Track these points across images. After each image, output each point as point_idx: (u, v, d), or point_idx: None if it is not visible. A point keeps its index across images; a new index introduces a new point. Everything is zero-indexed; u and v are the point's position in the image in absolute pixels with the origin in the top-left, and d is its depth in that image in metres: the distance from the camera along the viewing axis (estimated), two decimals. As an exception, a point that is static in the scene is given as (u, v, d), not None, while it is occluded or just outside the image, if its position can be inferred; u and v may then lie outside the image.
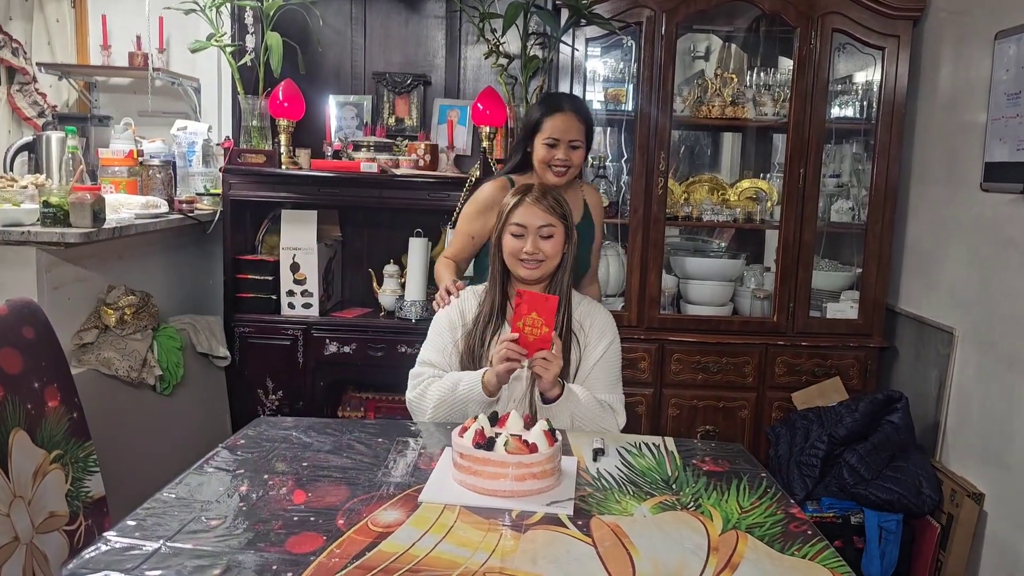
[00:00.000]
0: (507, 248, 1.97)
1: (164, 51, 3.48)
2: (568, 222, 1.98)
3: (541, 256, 1.94)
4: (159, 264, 2.95)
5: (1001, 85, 2.47)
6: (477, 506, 1.43)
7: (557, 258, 1.97)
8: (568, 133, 2.26)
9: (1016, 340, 2.42)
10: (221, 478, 1.53)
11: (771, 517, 1.45)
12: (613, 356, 2.02)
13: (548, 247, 1.95)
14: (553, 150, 2.26)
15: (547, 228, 1.95)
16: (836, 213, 3.19)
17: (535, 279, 1.97)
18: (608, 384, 2.00)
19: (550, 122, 2.27)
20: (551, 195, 1.99)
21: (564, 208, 1.98)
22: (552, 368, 1.82)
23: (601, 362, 2.00)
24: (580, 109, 2.33)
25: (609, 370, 2.01)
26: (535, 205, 1.95)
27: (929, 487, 2.63)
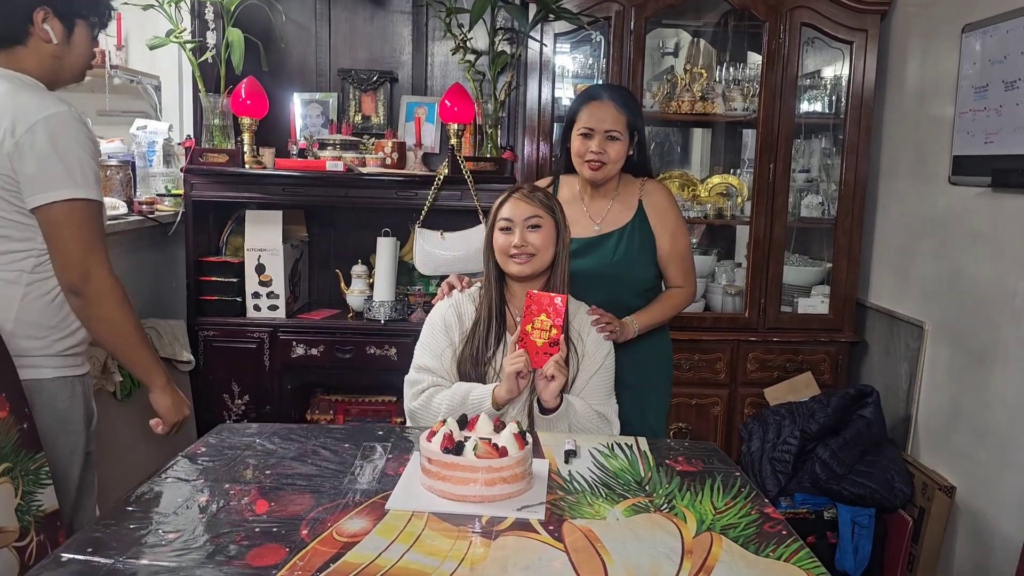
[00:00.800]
0: (497, 246, 1.92)
1: (122, 48, 3.38)
2: (557, 216, 1.92)
3: (531, 249, 1.88)
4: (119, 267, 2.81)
5: (968, 79, 2.48)
6: (446, 512, 1.39)
7: (549, 251, 1.90)
8: (604, 123, 2.07)
9: (985, 333, 2.42)
10: (180, 488, 1.48)
11: (745, 517, 1.43)
12: (610, 367, 1.97)
13: (536, 239, 1.88)
14: (588, 141, 2.08)
15: (534, 219, 1.89)
16: (806, 208, 3.19)
17: (527, 275, 1.90)
18: (604, 395, 1.95)
19: (585, 111, 2.10)
20: (540, 191, 1.95)
21: (552, 203, 1.93)
22: (560, 378, 1.81)
23: (600, 373, 1.94)
24: (620, 98, 2.12)
25: (605, 381, 1.96)
26: (521, 200, 1.91)
27: (901, 481, 2.63)
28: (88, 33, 1.73)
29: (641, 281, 2.18)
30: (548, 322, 1.78)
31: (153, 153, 3.09)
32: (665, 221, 2.17)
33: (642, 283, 2.18)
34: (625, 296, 2.14)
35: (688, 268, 2.21)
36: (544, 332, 1.79)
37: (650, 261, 2.17)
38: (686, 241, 2.22)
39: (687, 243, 2.22)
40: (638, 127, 2.14)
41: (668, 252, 2.17)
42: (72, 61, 1.72)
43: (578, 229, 2.13)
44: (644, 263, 2.16)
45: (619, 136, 2.08)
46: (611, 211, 2.18)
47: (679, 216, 2.21)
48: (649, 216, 2.16)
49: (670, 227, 2.17)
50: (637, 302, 2.15)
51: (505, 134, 3.19)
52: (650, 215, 2.16)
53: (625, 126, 2.09)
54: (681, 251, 2.19)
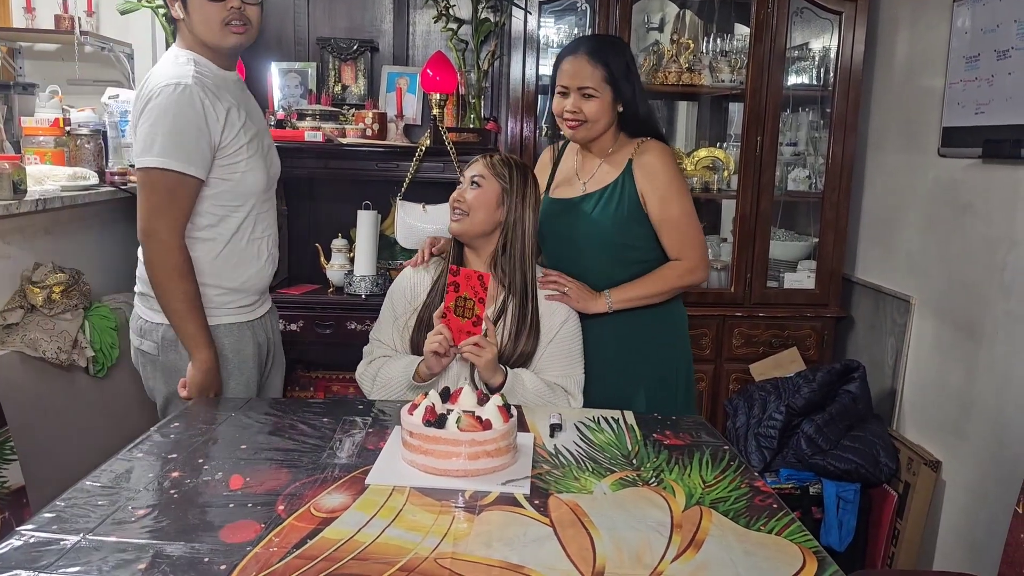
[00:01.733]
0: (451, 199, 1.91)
1: (93, 14, 3.28)
2: (505, 183, 1.85)
3: (464, 206, 1.85)
4: (91, 240, 2.79)
5: (959, 49, 2.44)
6: (428, 487, 1.35)
7: (481, 212, 1.84)
8: (576, 79, 1.92)
9: (973, 307, 2.40)
10: (151, 463, 1.43)
11: (735, 491, 1.40)
12: (568, 335, 1.90)
13: (472, 196, 1.85)
14: (564, 100, 1.95)
15: (478, 177, 1.86)
16: (793, 182, 3.16)
17: (456, 232, 1.88)
18: (564, 365, 1.89)
19: (561, 68, 1.96)
20: (508, 159, 1.90)
21: (508, 171, 1.86)
22: (484, 355, 1.75)
23: (556, 341, 1.88)
24: (597, 51, 1.94)
25: (565, 351, 1.90)
26: (481, 159, 1.90)
27: (886, 456, 2.62)
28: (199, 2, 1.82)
29: (627, 249, 1.99)
30: (472, 300, 1.74)
31: (125, 123, 2.98)
32: (655, 183, 1.96)
33: (630, 252, 2.00)
34: (611, 267, 2.00)
35: (685, 237, 1.98)
36: (468, 311, 1.74)
37: (638, 227, 1.98)
38: (682, 206, 1.97)
39: (683, 208, 1.97)
40: (620, 83, 1.94)
41: (658, 217, 1.97)
42: (197, 29, 1.84)
43: (568, 189, 2.07)
44: (629, 229, 1.98)
45: (595, 93, 1.92)
46: (600, 170, 2.03)
47: (674, 178, 1.97)
48: (637, 177, 1.97)
49: (660, 189, 1.95)
50: (626, 276, 2.00)
51: (488, 105, 3.13)
52: (638, 176, 1.97)
53: (602, 81, 1.92)
54: (674, 217, 1.96)
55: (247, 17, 1.86)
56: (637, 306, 1.99)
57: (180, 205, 1.81)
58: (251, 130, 1.91)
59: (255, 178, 1.91)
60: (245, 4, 1.84)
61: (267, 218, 2.01)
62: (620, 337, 2.01)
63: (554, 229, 2.04)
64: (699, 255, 2.00)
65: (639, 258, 2.01)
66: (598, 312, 1.96)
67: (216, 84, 1.86)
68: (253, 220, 1.95)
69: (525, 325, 1.85)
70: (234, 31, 1.85)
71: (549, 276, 1.94)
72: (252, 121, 1.94)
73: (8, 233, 2.29)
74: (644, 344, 2.04)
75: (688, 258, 1.99)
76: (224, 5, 1.82)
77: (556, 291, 1.92)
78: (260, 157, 1.94)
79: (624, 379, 2.02)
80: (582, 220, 2.01)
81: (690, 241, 1.99)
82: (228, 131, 1.84)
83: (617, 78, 1.94)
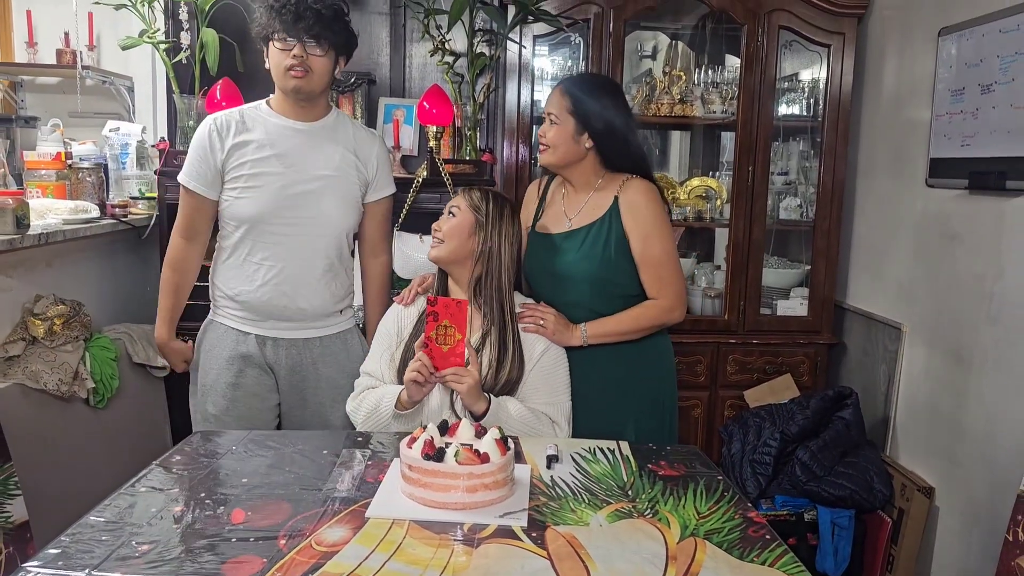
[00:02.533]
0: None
1: (94, 48, 3.33)
2: (479, 215, 1.93)
3: (440, 235, 1.93)
4: (91, 271, 2.82)
5: (945, 82, 2.50)
6: (427, 520, 1.37)
7: (454, 241, 1.92)
8: (548, 105, 2.05)
9: (962, 334, 2.44)
10: (154, 498, 1.44)
11: (729, 522, 1.42)
12: (549, 364, 1.94)
13: (446, 225, 1.94)
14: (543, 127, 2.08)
15: (453, 208, 1.96)
16: (785, 211, 3.20)
17: (434, 258, 1.95)
18: (548, 393, 1.92)
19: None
20: (486, 193, 1.99)
21: (484, 204, 1.95)
22: (466, 380, 1.79)
23: (536, 370, 1.92)
24: (573, 84, 2.06)
25: (547, 379, 1.93)
26: (461, 191, 2.00)
27: (880, 482, 2.64)
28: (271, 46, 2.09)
29: (611, 284, 2.01)
30: (452, 327, 1.77)
31: (126, 155, 3.03)
32: (639, 220, 1.98)
33: (614, 287, 2.01)
34: (594, 300, 2.01)
35: (664, 278, 2.00)
36: (449, 338, 1.78)
37: (625, 263, 2.00)
38: (664, 246, 2.00)
39: (665, 249, 2.00)
40: (588, 114, 1.99)
41: (640, 256, 1.99)
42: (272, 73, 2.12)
43: (555, 224, 2.11)
44: (616, 265, 2.00)
45: (556, 120, 2.00)
46: (587, 206, 2.06)
47: (658, 218, 2.01)
48: (623, 214, 1.99)
49: (643, 228, 1.98)
50: (609, 309, 2.02)
51: (484, 136, 3.17)
52: (624, 213, 1.99)
53: (565, 110, 1.99)
54: (655, 256, 1.99)
55: (308, 65, 2.06)
56: (611, 342, 2.02)
57: (184, 210, 2.18)
58: (264, 167, 2.09)
59: (244, 206, 2.10)
60: (308, 53, 2.05)
61: (272, 249, 2.12)
62: (609, 371, 2.04)
63: (541, 263, 2.09)
64: (676, 295, 2.02)
65: (622, 292, 2.03)
66: (573, 345, 1.99)
67: (253, 122, 2.14)
68: (250, 244, 2.13)
69: (506, 354, 1.89)
70: (294, 75, 2.06)
71: (527, 309, 1.98)
72: (279, 161, 2.11)
73: (10, 266, 2.32)
74: (633, 377, 2.07)
75: (666, 297, 2.01)
76: (287, 53, 2.04)
77: (532, 323, 1.96)
78: (262, 191, 2.09)
79: (614, 412, 2.04)
80: (568, 255, 2.04)
81: (669, 281, 2.01)
82: (232, 160, 2.10)
83: (584, 110, 1.99)
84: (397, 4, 3.19)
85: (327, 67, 2.10)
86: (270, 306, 2.15)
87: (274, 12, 2.04)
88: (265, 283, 2.13)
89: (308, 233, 2.14)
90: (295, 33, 2.03)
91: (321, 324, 2.21)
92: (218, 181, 2.13)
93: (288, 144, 2.13)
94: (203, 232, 2.20)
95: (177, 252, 2.20)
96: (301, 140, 2.14)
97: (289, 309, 2.15)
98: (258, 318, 2.17)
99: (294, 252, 2.13)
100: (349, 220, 2.20)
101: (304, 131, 2.15)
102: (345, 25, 2.14)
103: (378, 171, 2.23)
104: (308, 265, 2.15)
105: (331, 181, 2.14)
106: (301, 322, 2.18)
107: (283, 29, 2.03)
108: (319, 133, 2.16)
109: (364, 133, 2.27)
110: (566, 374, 1.96)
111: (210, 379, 2.19)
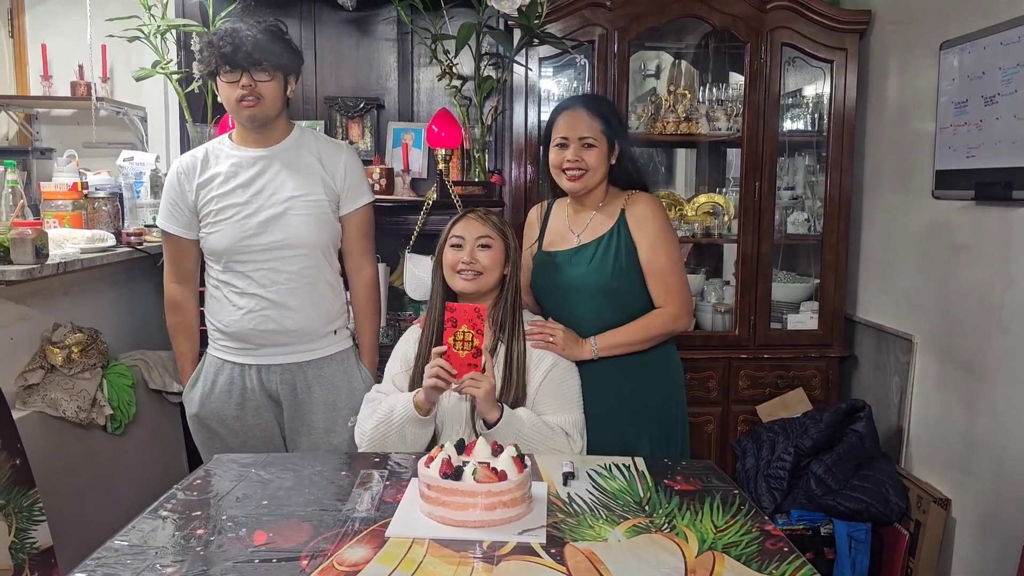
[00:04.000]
0: (446, 262, 1.96)
1: (108, 80, 3.39)
2: (508, 240, 1.96)
3: (478, 267, 1.92)
4: (108, 299, 2.85)
5: (948, 94, 2.52)
6: (447, 538, 1.38)
7: (495, 272, 1.94)
8: (576, 130, 2.04)
9: (972, 345, 2.45)
10: (176, 521, 1.46)
11: (747, 535, 1.43)
12: (557, 377, 1.95)
13: (485, 257, 1.93)
14: (564, 151, 2.05)
15: (485, 238, 1.94)
16: (792, 225, 3.22)
17: (472, 291, 1.93)
18: (559, 407, 1.93)
19: (559, 122, 2.08)
20: (495, 215, 2.00)
21: (505, 227, 1.98)
22: (483, 385, 1.79)
23: (545, 384, 1.93)
24: (593, 105, 2.09)
25: (556, 393, 1.94)
26: (475, 219, 1.97)
27: (896, 495, 2.64)
28: (219, 82, 2.13)
29: (622, 294, 2.06)
30: (470, 332, 1.79)
31: (140, 184, 3.07)
32: (646, 231, 2.05)
33: (624, 296, 2.06)
34: (605, 311, 2.05)
35: (671, 286, 2.05)
36: (467, 343, 1.79)
37: (636, 273, 2.06)
38: (670, 255, 2.06)
39: (671, 258, 2.06)
40: (616, 135, 2.08)
41: (647, 265, 2.05)
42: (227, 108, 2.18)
43: (561, 243, 2.14)
44: (627, 276, 2.05)
45: (595, 143, 2.04)
46: (592, 222, 2.11)
47: (664, 228, 2.07)
48: (631, 226, 2.06)
49: (650, 238, 2.04)
50: (619, 318, 2.06)
51: (493, 158, 3.21)
52: (631, 225, 2.06)
53: (600, 132, 2.05)
54: (662, 265, 2.04)
55: (258, 92, 2.09)
56: (621, 353, 2.05)
57: (169, 254, 2.29)
58: (229, 199, 2.16)
59: (216, 240, 2.17)
60: (256, 80, 2.07)
61: (251, 277, 2.17)
62: (617, 384, 2.06)
63: (551, 280, 2.13)
64: (683, 303, 2.07)
65: (632, 302, 2.08)
66: (584, 359, 2.02)
67: (216, 157, 2.20)
68: (229, 275, 2.19)
69: (512, 372, 1.91)
70: (246, 105, 2.10)
71: (536, 326, 2.00)
72: (243, 191, 2.15)
73: (29, 296, 2.36)
74: (641, 390, 2.10)
75: (673, 305, 2.06)
76: (235, 85, 2.08)
77: (542, 339, 1.98)
78: (229, 222, 2.15)
79: (627, 426, 2.07)
80: (579, 269, 2.08)
81: (675, 290, 2.07)
82: (201, 198, 2.18)
83: (612, 131, 2.07)
84: (404, 30, 3.24)
85: (276, 90, 2.12)
86: (257, 333, 2.18)
87: (214, 47, 2.07)
88: (249, 311, 2.17)
89: (282, 256, 2.16)
90: (237, 64, 2.06)
91: (313, 346, 2.22)
92: (194, 221, 2.21)
93: (250, 172, 2.16)
94: (193, 272, 2.29)
95: (173, 297, 2.29)
96: (263, 166, 2.17)
97: (277, 333, 2.18)
98: (250, 347, 2.21)
99: (272, 277, 2.16)
100: (322, 236, 2.20)
101: (266, 156, 2.18)
102: (286, 45, 2.15)
103: (347, 180, 2.23)
104: (288, 288, 2.17)
105: (297, 200, 2.16)
106: (292, 345, 2.20)
107: (225, 62, 2.06)
108: (281, 155, 2.19)
109: (329, 145, 2.28)
110: (577, 387, 1.98)
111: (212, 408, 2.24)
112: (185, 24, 2.90)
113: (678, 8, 2.99)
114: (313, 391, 2.22)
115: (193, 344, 2.33)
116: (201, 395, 2.24)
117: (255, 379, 2.21)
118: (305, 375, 2.22)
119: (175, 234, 2.23)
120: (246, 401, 2.21)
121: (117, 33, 2.78)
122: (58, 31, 3.48)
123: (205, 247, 2.21)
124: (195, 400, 2.25)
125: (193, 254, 2.26)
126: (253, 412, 2.22)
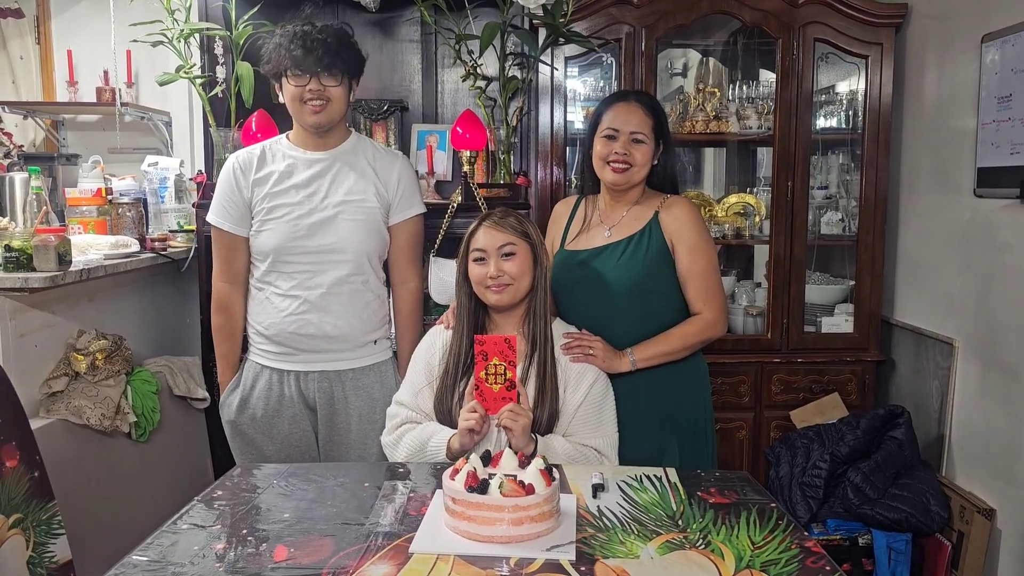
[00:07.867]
0: (473, 277, 1.88)
1: (133, 85, 3.39)
2: (532, 241, 1.88)
3: (506, 279, 1.84)
4: (132, 305, 2.85)
5: (990, 89, 2.43)
6: (472, 555, 1.33)
7: (526, 279, 1.86)
8: (628, 124, 1.99)
9: (1017, 348, 2.35)
10: (196, 536, 1.43)
11: (786, 552, 1.36)
12: (598, 395, 1.88)
13: (511, 267, 1.84)
14: (612, 143, 2.00)
15: (507, 247, 1.85)
16: (826, 225, 3.14)
17: (505, 304, 1.86)
18: (593, 426, 1.87)
19: (610, 113, 2.03)
20: (512, 215, 1.90)
21: (526, 227, 1.89)
22: (521, 420, 1.73)
23: (585, 403, 1.86)
24: (647, 101, 2.06)
25: (595, 411, 1.87)
26: (493, 228, 1.87)
27: (937, 504, 2.55)
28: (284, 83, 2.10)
29: (654, 296, 2.01)
30: (502, 365, 1.72)
31: (165, 189, 3.07)
32: (683, 234, 2.00)
33: (656, 298, 2.01)
34: (637, 312, 2.00)
35: (709, 290, 2.01)
36: (500, 376, 1.73)
37: (668, 271, 2.01)
38: (708, 259, 2.02)
39: (709, 262, 2.02)
40: (664, 135, 2.05)
41: (686, 269, 2.00)
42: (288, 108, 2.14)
43: (589, 240, 2.08)
44: (659, 277, 2.01)
45: (645, 139, 1.99)
46: (625, 219, 2.06)
47: (702, 232, 2.03)
48: (665, 227, 2.01)
49: (688, 241, 2.00)
50: (652, 323, 2.00)
51: (518, 159, 3.16)
52: (666, 226, 2.01)
53: (651, 130, 2.01)
54: (700, 270, 2.00)
55: (326, 96, 2.07)
56: (658, 363, 1.99)
57: (219, 252, 2.21)
58: (282, 199, 2.12)
59: (265, 238, 2.14)
60: (324, 85, 2.05)
61: (296, 279, 2.14)
62: (649, 393, 2.00)
63: (579, 278, 2.05)
64: (719, 309, 2.03)
65: (664, 304, 2.03)
66: (622, 371, 1.96)
67: (273, 155, 2.17)
68: (275, 276, 2.16)
69: (545, 380, 1.84)
70: (313, 110, 2.07)
71: (573, 339, 1.92)
72: (297, 191, 2.12)
73: (53, 302, 2.35)
74: (672, 399, 2.04)
75: (711, 310, 2.01)
76: (303, 88, 2.05)
77: (580, 352, 1.91)
78: (280, 222, 2.12)
79: (655, 434, 2.01)
80: (610, 266, 2.02)
81: (713, 295, 2.02)
82: (256, 195, 2.15)
83: (661, 129, 2.04)
84: (428, 31, 3.20)
85: (343, 95, 2.11)
86: (297, 336, 2.15)
87: (283, 49, 2.05)
88: (291, 313, 2.14)
89: (329, 260, 2.13)
90: (307, 67, 2.03)
91: (352, 355, 2.19)
92: (247, 217, 2.16)
93: (306, 174, 2.14)
94: (243, 272, 2.21)
95: (222, 297, 2.22)
96: (319, 168, 2.15)
97: (316, 338, 2.14)
98: (289, 351, 2.17)
99: (317, 280, 2.13)
100: (370, 244, 2.17)
101: (323, 159, 2.16)
102: (354, 51, 2.14)
103: (400, 189, 2.20)
104: (332, 292, 2.14)
105: (349, 206, 2.14)
106: (331, 352, 2.17)
107: (295, 65, 2.04)
108: (337, 160, 2.16)
109: (384, 153, 2.26)
110: (613, 404, 1.92)
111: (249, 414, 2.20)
112: (208, 28, 2.88)
113: (707, 4, 2.92)
114: (350, 401, 2.19)
115: (236, 348, 2.26)
116: (239, 401, 2.21)
117: (293, 386, 2.18)
118: (343, 384, 2.18)
119: (227, 230, 2.17)
120: (283, 409, 2.18)
121: (141, 38, 2.77)
122: (83, 37, 3.50)
123: (254, 246, 2.17)
124: (232, 406, 2.21)
125: (244, 253, 2.20)
126: (290, 420, 2.19)
